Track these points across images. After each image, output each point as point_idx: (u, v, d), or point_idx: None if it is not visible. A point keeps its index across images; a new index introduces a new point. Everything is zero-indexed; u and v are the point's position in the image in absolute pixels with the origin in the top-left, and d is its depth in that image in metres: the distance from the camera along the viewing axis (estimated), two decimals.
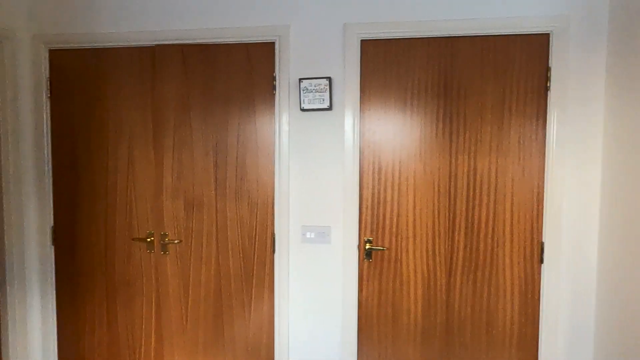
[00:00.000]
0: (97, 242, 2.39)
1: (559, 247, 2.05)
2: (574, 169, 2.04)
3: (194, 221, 2.29)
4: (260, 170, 2.24)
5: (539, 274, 2.09)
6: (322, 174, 2.20)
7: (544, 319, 2.08)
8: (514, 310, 2.12)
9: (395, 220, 2.17)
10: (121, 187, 2.35)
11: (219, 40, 2.22)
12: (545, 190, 2.06)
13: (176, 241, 2.30)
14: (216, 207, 2.27)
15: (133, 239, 2.36)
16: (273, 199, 2.24)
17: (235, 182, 2.25)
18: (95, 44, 2.31)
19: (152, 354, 2.39)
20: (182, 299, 2.33)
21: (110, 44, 2.30)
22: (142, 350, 2.40)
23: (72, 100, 2.37)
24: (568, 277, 2.06)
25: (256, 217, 2.25)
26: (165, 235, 2.32)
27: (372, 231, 2.19)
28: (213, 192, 2.27)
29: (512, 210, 2.10)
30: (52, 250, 2.43)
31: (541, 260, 2.09)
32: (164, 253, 2.33)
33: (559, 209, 2.04)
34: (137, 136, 2.32)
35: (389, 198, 2.17)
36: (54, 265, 2.43)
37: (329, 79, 2.12)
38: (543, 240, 2.08)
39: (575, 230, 2.05)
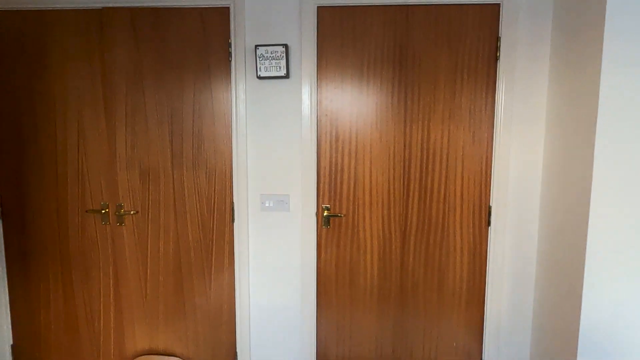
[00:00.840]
0: (49, 214, 2.31)
1: (505, 210, 2.18)
2: (520, 137, 2.14)
3: (150, 191, 2.26)
4: (217, 139, 2.22)
5: (487, 235, 2.22)
6: (280, 143, 2.21)
7: (491, 277, 2.22)
8: (463, 270, 2.25)
9: (352, 187, 2.22)
10: (72, 158, 2.27)
11: (170, 3, 2.14)
12: (493, 157, 2.16)
13: (132, 212, 2.27)
14: (173, 176, 2.24)
15: (87, 211, 2.30)
16: (231, 168, 2.23)
17: (192, 152, 2.22)
18: (39, 5, 2.17)
19: (112, 326, 2.38)
20: (140, 271, 2.32)
21: (55, 5, 2.17)
22: (102, 322, 2.38)
23: (14, 66, 2.23)
24: (512, 238, 2.20)
25: (214, 187, 2.24)
26: (120, 206, 2.27)
27: (330, 198, 2.24)
28: (169, 161, 2.23)
29: (462, 177, 2.20)
30: (0, 224, 2.33)
31: (488, 223, 2.21)
32: (120, 224, 2.29)
33: (505, 175, 2.16)
34: (87, 105, 2.23)
35: (346, 166, 2.21)
36: (2, 239, 2.34)
37: (286, 46, 2.10)
38: (491, 204, 2.20)
39: (520, 194, 2.18)
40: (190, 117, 2.21)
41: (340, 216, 2.24)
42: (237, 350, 2.34)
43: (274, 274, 2.30)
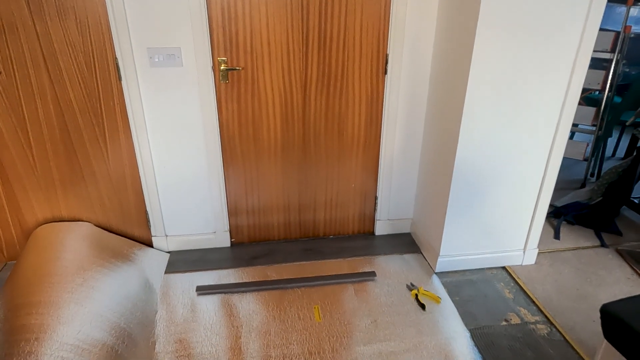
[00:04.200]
0: None
1: (401, 59, 2.24)
2: None
3: (9, 49, 1.93)
4: None
5: (383, 83, 2.31)
6: None
7: (386, 122, 2.38)
8: (361, 118, 2.37)
9: (249, 38, 2.09)
10: None
11: None
12: (392, 3, 2.12)
13: None
14: (35, 28, 1.91)
15: None
16: (107, 17, 1.94)
17: None
18: None
19: (3, 197, 2.24)
20: (22, 138, 2.11)
21: None
22: None
23: None
24: (407, 86, 2.31)
25: (90, 40, 1.97)
26: None
27: (225, 51, 2.10)
28: (26, 9, 1.87)
29: (362, 25, 2.15)
30: None
31: (385, 72, 2.28)
32: None
33: (403, 23, 2.15)
34: None
35: (240, 13, 2.03)
36: None
37: None
38: (388, 52, 2.23)
39: (415, 43, 2.22)
40: None
41: (239, 69, 2.14)
42: (147, 209, 2.38)
43: (175, 135, 2.24)
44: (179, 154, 2.29)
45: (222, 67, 2.12)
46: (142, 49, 2.03)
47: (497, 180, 2.17)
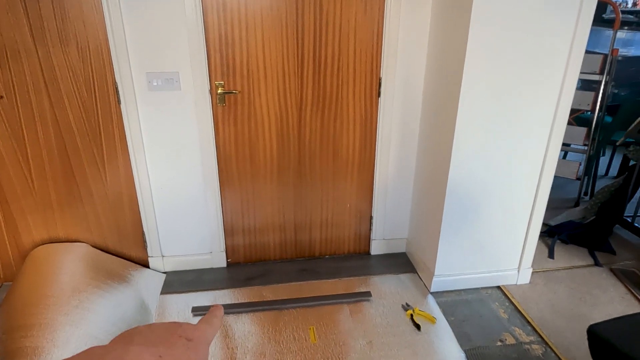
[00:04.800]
0: None
1: (394, 82, 2.29)
2: (409, 8, 2.16)
3: (12, 73, 1.98)
4: (84, 8, 1.93)
5: (377, 105, 2.36)
6: (161, 14, 1.99)
7: (380, 143, 2.42)
8: (356, 139, 2.42)
9: (245, 62, 2.15)
10: None
11: None
12: (384, 28, 2.18)
13: None
14: (37, 54, 1.96)
15: None
16: (107, 43, 2.00)
17: (56, 23, 1.93)
18: None
19: (0, 218, 2.26)
20: (21, 160, 2.14)
21: None
22: None
23: None
24: (400, 108, 2.37)
25: (91, 65, 2.02)
26: None
27: (222, 74, 2.15)
28: (29, 36, 1.93)
29: (355, 49, 2.22)
30: None
31: (379, 94, 2.33)
32: None
33: (395, 47, 2.22)
34: None
35: (237, 38, 2.10)
36: None
37: None
38: (381, 76, 2.29)
39: (407, 66, 2.28)
40: None
41: (235, 93, 2.20)
42: (144, 230, 2.40)
43: (173, 156, 2.27)
44: (176, 175, 2.32)
45: (219, 91, 2.17)
46: (142, 73, 2.08)
47: (490, 199, 2.20)
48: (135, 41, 2.02)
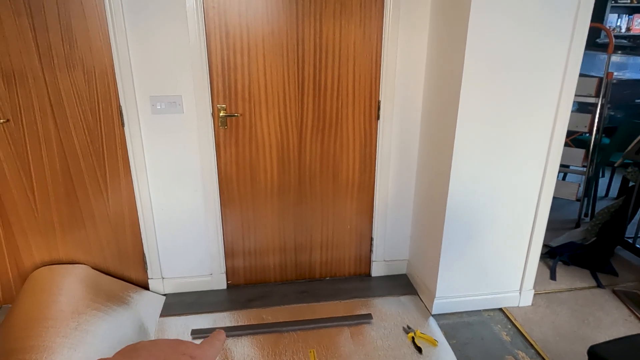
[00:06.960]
0: None
1: (392, 105, 2.34)
2: (407, 35, 2.22)
3: (19, 97, 2.02)
4: (91, 34, 1.99)
5: (376, 128, 2.39)
6: (165, 39, 2.05)
7: (379, 165, 2.45)
8: (355, 161, 2.45)
9: (247, 86, 2.20)
10: None
11: None
12: (383, 53, 2.24)
13: (2, 120, 2.04)
14: (45, 79, 2.02)
15: None
16: (113, 68, 2.05)
17: (64, 49, 1.99)
18: None
19: (2, 240, 2.27)
20: (25, 182, 2.17)
21: None
22: None
23: None
24: (398, 130, 2.40)
25: (96, 89, 2.07)
26: None
27: (225, 98, 2.20)
28: (37, 61, 1.98)
29: (354, 73, 2.27)
30: None
31: (378, 117, 2.37)
32: None
33: (393, 71, 2.27)
34: None
35: (239, 63, 2.15)
36: None
37: None
38: (380, 99, 2.33)
39: (406, 90, 2.33)
40: (53, 7, 1.92)
41: (237, 116, 2.24)
42: (145, 251, 2.40)
43: (174, 177, 2.30)
44: (177, 196, 2.34)
45: (221, 114, 2.21)
46: (145, 97, 2.13)
47: (489, 220, 2.21)
48: (139, 66, 2.07)
